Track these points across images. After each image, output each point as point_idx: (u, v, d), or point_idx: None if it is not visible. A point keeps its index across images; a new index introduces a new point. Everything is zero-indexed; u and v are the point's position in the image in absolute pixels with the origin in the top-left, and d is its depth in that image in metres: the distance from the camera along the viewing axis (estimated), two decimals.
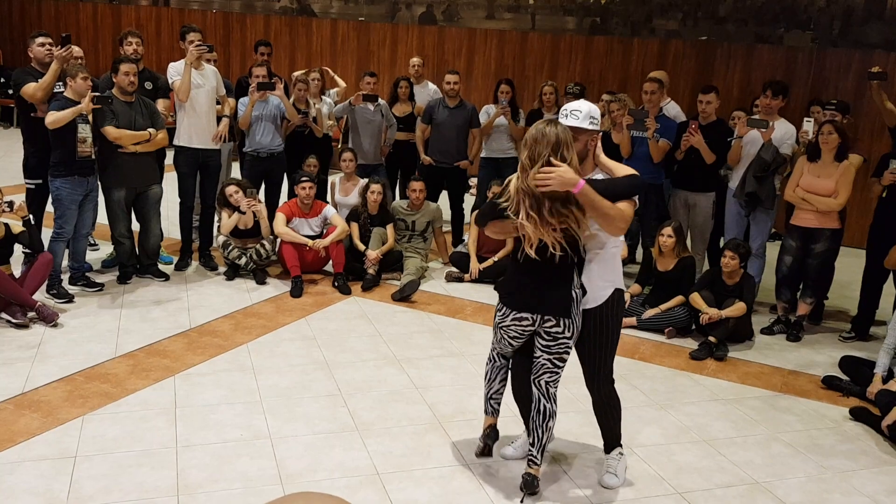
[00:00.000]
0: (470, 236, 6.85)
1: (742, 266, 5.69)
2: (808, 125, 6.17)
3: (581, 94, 6.87)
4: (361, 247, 6.65)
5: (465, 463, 3.94)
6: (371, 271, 6.52)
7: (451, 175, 7.51)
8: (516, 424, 4.11)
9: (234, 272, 6.49)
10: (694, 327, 5.79)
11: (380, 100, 7.48)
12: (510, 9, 10.48)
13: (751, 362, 5.44)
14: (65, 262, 5.97)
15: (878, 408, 4.60)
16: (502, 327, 3.63)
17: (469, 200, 8.12)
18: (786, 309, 6.05)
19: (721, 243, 6.35)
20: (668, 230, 5.87)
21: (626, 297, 3.83)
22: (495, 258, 6.72)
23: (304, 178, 6.54)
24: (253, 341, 5.27)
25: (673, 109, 6.81)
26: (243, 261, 6.43)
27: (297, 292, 6.17)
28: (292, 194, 6.94)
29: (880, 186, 5.79)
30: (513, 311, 3.55)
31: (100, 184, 5.91)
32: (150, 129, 5.90)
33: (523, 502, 3.64)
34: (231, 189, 6.47)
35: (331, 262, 6.54)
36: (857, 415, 4.67)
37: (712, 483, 3.90)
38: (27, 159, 6.01)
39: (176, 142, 6.47)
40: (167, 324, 5.46)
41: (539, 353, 3.56)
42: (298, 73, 7.68)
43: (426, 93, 8.39)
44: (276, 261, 6.62)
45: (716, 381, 5.09)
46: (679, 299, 5.80)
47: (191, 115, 6.38)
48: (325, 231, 6.64)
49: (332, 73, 8.76)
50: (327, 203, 6.95)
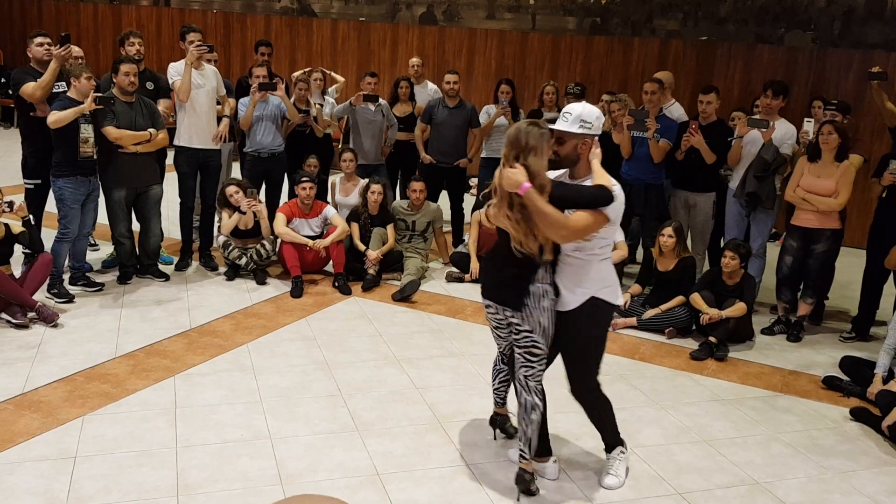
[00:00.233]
0: (470, 236, 6.85)
1: (742, 266, 5.69)
2: (809, 125, 6.17)
3: (582, 94, 6.87)
4: (362, 247, 6.65)
5: (465, 463, 3.94)
6: (371, 271, 6.52)
7: (450, 175, 7.51)
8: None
9: (234, 272, 6.49)
10: (694, 327, 5.79)
11: (380, 100, 7.48)
12: (510, 9, 10.48)
13: (751, 362, 5.44)
14: (66, 262, 5.97)
15: (878, 408, 4.60)
16: (487, 317, 3.80)
17: (469, 200, 8.12)
18: (786, 309, 6.05)
19: (722, 243, 6.34)
20: (668, 230, 5.87)
21: (621, 303, 3.77)
22: None
23: (304, 179, 6.54)
24: (253, 341, 5.27)
25: (676, 111, 6.80)
26: (244, 261, 6.43)
27: (297, 292, 6.17)
28: (293, 194, 6.94)
29: (880, 187, 5.79)
30: (483, 298, 3.70)
31: (100, 184, 5.92)
32: (151, 130, 5.90)
33: (519, 500, 3.65)
34: (231, 189, 6.47)
35: (331, 262, 6.55)
36: (858, 415, 4.67)
37: (712, 483, 3.90)
38: (26, 159, 6.01)
39: (176, 142, 6.48)
40: (167, 324, 5.46)
41: (515, 347, 3.65)
42: (299, 73, 7.67)
43: (426, 93, 8.39)
44: (276, 261, 6.62)
45: (716, 382, 5.09)
46: (679, 299, 5.80)
47: (191, 115, 6.38)
48: (325, 231, 6.64)
49: (328, 71, 8.75)
50: (328, 203, 6.95)
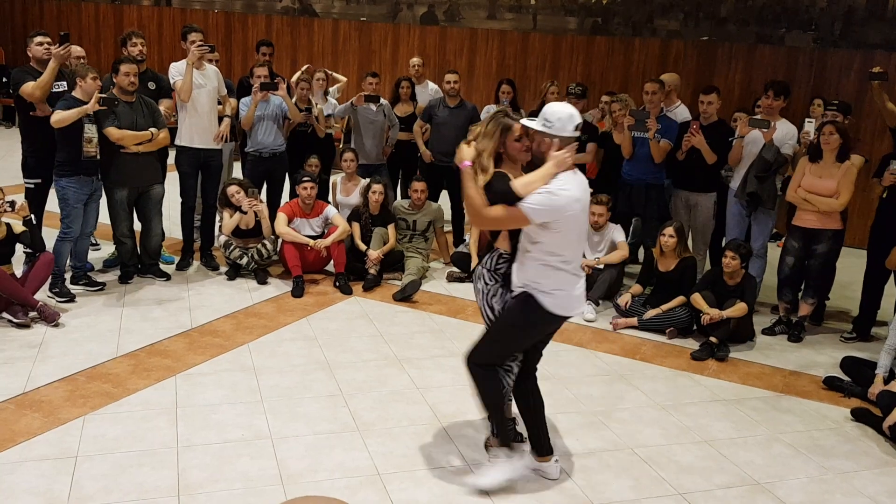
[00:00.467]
0: (471, 236, 6.84)
1: (743, 266, 5.68)
2: (810, 125, 6.17)
3: (583, 94, 6.87)
4: (363, 247, 6.65)
5: (465, 463, 3.94)
6: (372, 271, 6.52)
7: (451, 175, 7.49)
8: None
9: (235, 272, 6.49)
10: (695, 328, 5.79)
11: (382, 100, 7.48)
12: (511, 9, 10.47)
13: (752, 363, 5.44)
14: (67, 262, 5.97)
15: (879, 409, 4.59)
16: None
17: None
18: (787, 309, 6.05)
19: (723, 244, 6.34)
20: (669, 230, 5.88)
21: (560, 313, 3.70)
22: None
23: (305, 178, 6.54)
24: (254, 341, 5.27)
25: (682, 113, 6.78)
26: (245, 261, 6.43)
27: (298, 292, 6.17)
28: (294, 194, 6.94)
29: (881, 187, 5.78)
30: None
31: (102, 184, 5.92)
32: (152, 129, 5.90)
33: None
34: (232, 189, 6.47)
35: (332, 262, 6.55)
36: (859, 416, 4.67)
37: (713, 484, 3.90)
38: (26, 159, 6.00)
39: (177, 142, 6.48)
40: (168, 323, 5.47)
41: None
42: (299, 74, 7.66)
43: (427, 93, 8.39)
44: (277, 261, 6.63)
45: (717, 382, 5.09)
46: (680, 299, 5.80)
47: (192, 115, 6.38)
48: (326, 231, 6.64)
49: (330, 71, 8.75)
50: (329, 203, 6.95)
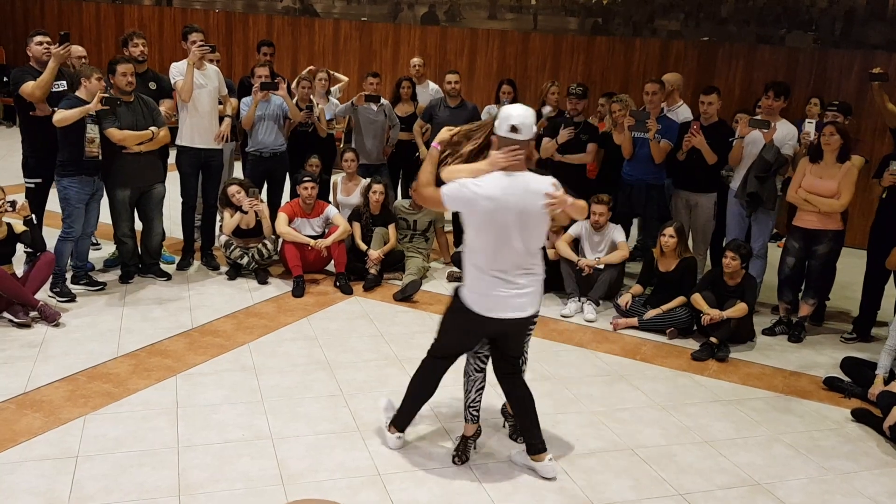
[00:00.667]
0: None
1: (743, 267, 5.68)
2: (811, 126, 6.17)
3: (584, 94, 6.87)
4: (363, 246, 6.65)
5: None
6: (373, 271, 6.52)
7: None
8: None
9: (235, 272, 6.49)
10: (695, 328, 5.79)
11: (383, 100, 7.48)
12: (512, 9, 10.47)
13: (752, 363, 5.44)
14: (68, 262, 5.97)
15: (879, 409, 4.59)
16: None
17: None
18: (787, 310, 6.05)
19: (723, 244, 6.34)
20: (669, 230, 5.88)
21: (476, 310, 3.87)
22: None
23: (306, 178, 6.54)
24: (254, 341, 5.27)
25: (683, 113, 6.78)
26: (245, 260, 6.44)
27: (298, 292, 6.17)
28: (295, 194, 6.94)
29: (881, 187, 5.78)
30: None
31: (103, 184, 5.92)
32: (153, 128, 5.90)
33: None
34: (233, 189, 6.47)
35: (332, 261, 6.55)
36: (859, 416, 4.67)
37: (713, 484, 3.91)
38: (26, 159, 6.00)
39: (178, 142, 6.48)
40: (169, 323, 5.47)
41: None
42: (304, 73, 7.65)
43: (428, 93, 8.39)
44: (277, 260, 6.63)
45: (717, 382, 5.09)
46: (680, 300, 5.80)
47: (193, 115, 6.38)
48: (326, 231, 6.64)
49: (331, 71, 8.74)
50: (329, 203, 6.95)
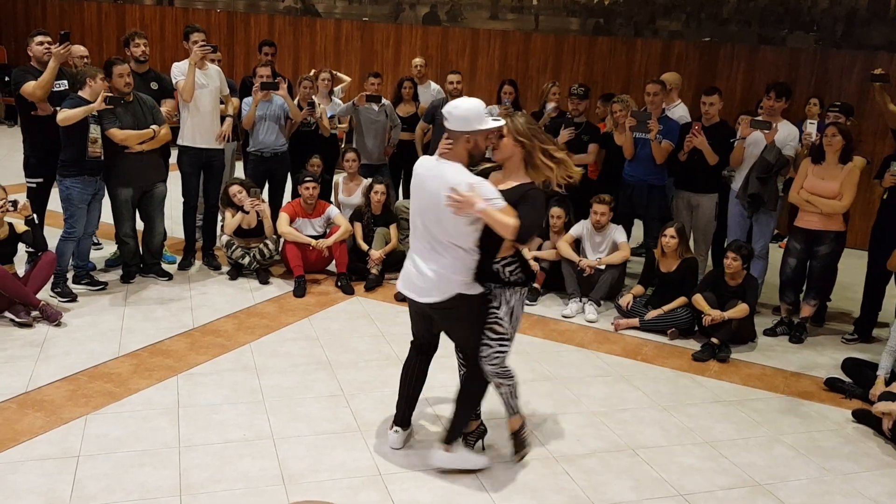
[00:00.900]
0: None
1: (745, 267, 5.68)
2: (812, 127, 6.17)
3: (585, 94, 6.87)
4: (365, 247, 6.65)
5: None
6: (374, 271, 6.53)
7: None
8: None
9: (237, 272, 6.49)
10: (697, 329, 5.79)
11: (384, 100, 7.48)
12: (514, 9, 10.47)
13: (753, 364, 5.44)
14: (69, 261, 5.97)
15: None
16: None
17: None
18: (789, 311, 6.04)
19: (725, 245, 6.34)
20: (671, 231, 5.88)
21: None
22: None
23: (307, 178, 6.54)
24: (256, 341, 5.27)
25: (679, 111, 6.79)
26: (247, 260, 6.44)
27: (300, 292, 6.17)
28: (296, 194, 6.95)
29: (882, 188, 5.78)
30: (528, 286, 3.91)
31: (105, 184, 5.92)
32: (154, 127, 5.91)
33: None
34: (234, 189, 6.47)
35: (334, 261, 6.55)
36: (860, 417, 4.67)
37: (714, 485, 3.91)
38: (28, 158, 6.01)
39: (180, 142, 6.48)
40: (170, 323, 5.47)
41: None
42: (309, 75, 7.64)
43: (429, 93, 8.39)
44: (279, 260, 6.63)
45: (718, 383, 5.09)
46: (682, 300, 5.80)
47: (194, 114, 6.38)
48: (328, 231, 6.64)
49: (335, 72, 8.74)
50: (331, 203, 6.96)
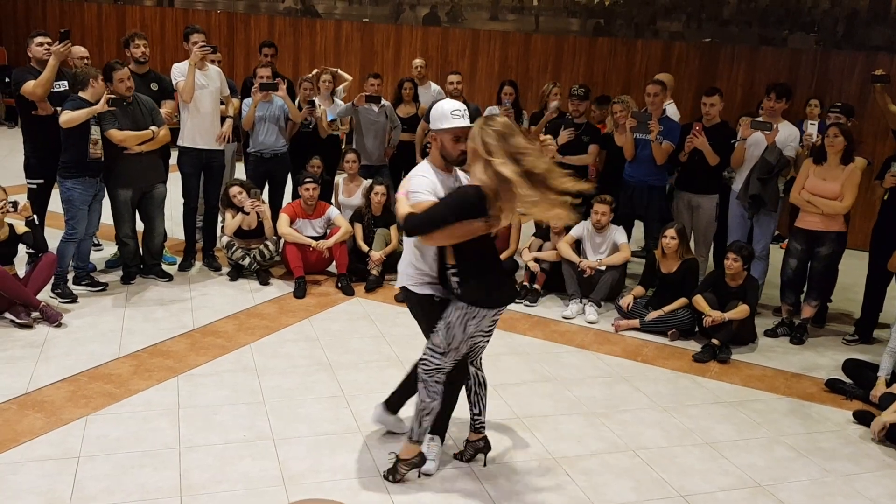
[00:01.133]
0: None
1: (745, 268, 5.68)
2: (813, 128, 6.17)
3: (585, 95, 6.87)
4: (365, 248, 6.65)
5: (467, 464, 3.94)
6: (374, 272, 6.52)
7: None
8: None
9: (237, 273, 6.49)
10: (697, 330, 5.79)
11: (384, 101, 7.47)
12: (514, 10, 10.47)
13: (754, 365, 5.44)
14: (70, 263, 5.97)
15: (881, 411, 4.59)
16: (476, 333, 3.62)
17: None
18: (789, 311, 6.04)
19: (725, 245, 6.33)
20: (671, 232, 5.87)
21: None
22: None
23: (307, 179, 6.54)
24: (256, 342, 5.27)
25: (670, 110, 6.80)
26: (247, 261, 6.44)
27: (300, 293, 6.17)
28: (296, 195, 6.94)
29: (882, 189, 5.78)
30: (498, 308, 3.61)
31: (105, 185, 5.92)
32: (153, 127, 5.91)
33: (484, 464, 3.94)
34: (235, 190, 6.47)
35: (334, 263, 6.55)
36: (861, 418, 4.66)
37: (715, 486, 3.90)
38: (28, 159, 6.01)
39: (180, 142, 6.48)
40: (170, 324, 5.47)
41: (482, 339, 3.74)
42: (310, 75, 7.63)
43: (429, 94, 8.38)
44: (279, 261, 6.63)
45: (719, 384, 5.09)
46: (682, 301, 5.79)
47: (195, 115, 6.38)
48: (328, 232, 6.64)
49: (335, 70, 8.72)
50: (331, 204, 6.95)
